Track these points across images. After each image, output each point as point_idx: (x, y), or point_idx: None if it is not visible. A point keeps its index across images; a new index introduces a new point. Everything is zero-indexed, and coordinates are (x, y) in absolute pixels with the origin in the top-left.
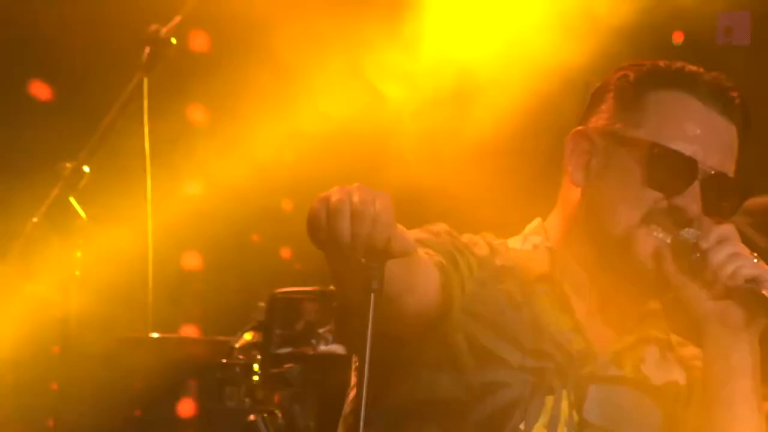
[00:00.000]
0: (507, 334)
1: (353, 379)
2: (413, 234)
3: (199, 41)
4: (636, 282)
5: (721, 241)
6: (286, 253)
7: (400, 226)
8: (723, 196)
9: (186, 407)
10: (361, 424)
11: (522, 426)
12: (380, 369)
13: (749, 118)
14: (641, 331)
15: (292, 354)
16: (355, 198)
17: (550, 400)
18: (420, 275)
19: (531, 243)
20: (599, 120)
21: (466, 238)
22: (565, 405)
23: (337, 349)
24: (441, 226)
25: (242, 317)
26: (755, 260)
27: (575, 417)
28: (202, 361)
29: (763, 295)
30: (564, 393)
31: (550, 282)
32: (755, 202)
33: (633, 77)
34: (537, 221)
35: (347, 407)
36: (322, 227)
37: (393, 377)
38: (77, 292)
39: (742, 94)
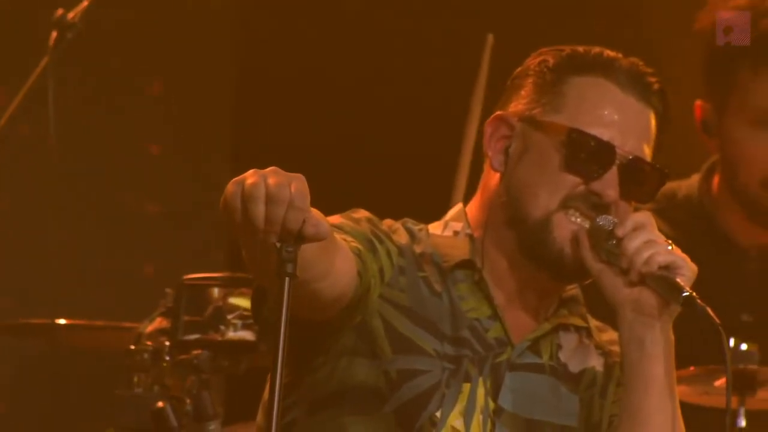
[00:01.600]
0: (425, 322)
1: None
2: (333, 220)
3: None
4: (554, 267)
5: (636, 229)
6: (193, 238)
7: (316, 211)
8: (640, 181)
9: (93, 394)
10: (275, 409)
11: (438, 413)
12: (299, 354)
13: (668, 103)
14: (560, 318)
15: (200, 340)
16: (270, 181)
17: (466, 387)
18: (336, 261)
19: (452, 229)
20: (518, 105)
21: (386, 225)
22: (481, 393)
23: (246, 335)
24: (362, 213)
25: (150, 304)
26: (670, 247)
27: (491, 404)
28: (109, 348)
29: (677, 282)
30: (480, 381)
31: (470, 269)
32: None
33: (552, 63)
34: (458, 207)
35: (267, 393)
36: (237, 210)
37: (311, 363)
38: None
39: (660, 80)
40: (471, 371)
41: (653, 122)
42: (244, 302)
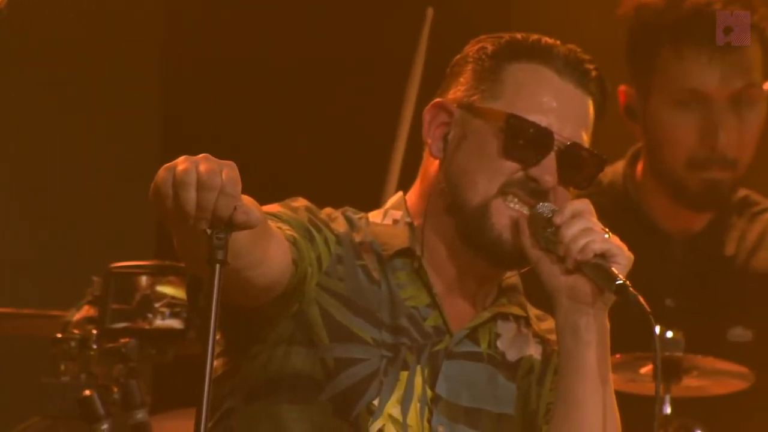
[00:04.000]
0: (363, 310)
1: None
2: (271, 209)
3: None
4: (493, 254)
5: (574, 216)
6: (121, 226)
7: (248, 199)
8: (579, 167)
9: (19, 382)
10: (205, 398)
11: (376, 402)
12: (236, 342)
13: (605, 90)
14: (499, 307)
15: (127, 329)
16: (202, 168)
17: (404, 375)
18: (270, 249)
19: (391, 217)
20: (457, 92)
21: (325, 213)
22: (418, 381)
23: (174, 323)
24: (301, 202)
25: (77, 292)
26: (607, 235)
27: (428, 393)
28: (36, 336)
29: (610, 270)
30: (418, 369)
31: (410, 257)
32: None
33: (491, 49)
34: (398, 195)
35: None
36: (168, 197)
37: (249, 351)
38: None
39: (598, 67)
40: (409, 359)
41: (591, 109)
42: (171, 290)
